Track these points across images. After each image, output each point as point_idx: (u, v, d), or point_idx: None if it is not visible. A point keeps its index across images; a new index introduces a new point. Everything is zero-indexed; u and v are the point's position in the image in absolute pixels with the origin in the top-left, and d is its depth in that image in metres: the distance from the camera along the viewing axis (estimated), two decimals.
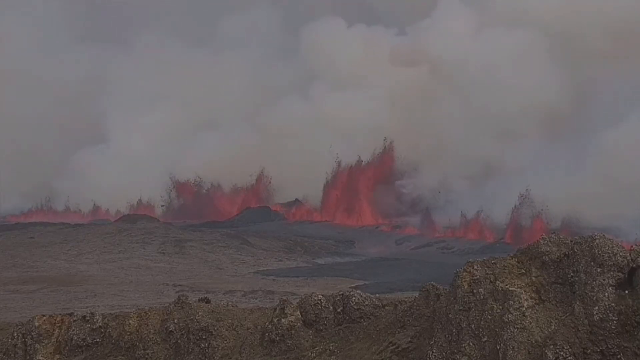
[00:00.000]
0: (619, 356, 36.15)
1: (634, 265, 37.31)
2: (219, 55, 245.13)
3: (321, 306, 44.81)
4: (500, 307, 37.44)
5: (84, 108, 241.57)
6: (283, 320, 44.50)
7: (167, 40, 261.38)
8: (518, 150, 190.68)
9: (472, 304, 38.31)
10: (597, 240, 37.69)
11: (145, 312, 47.75)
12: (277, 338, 44.33)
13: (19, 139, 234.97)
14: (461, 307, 38.53)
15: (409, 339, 40.83)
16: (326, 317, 44.58)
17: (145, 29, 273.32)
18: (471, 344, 37.83)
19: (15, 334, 48.26)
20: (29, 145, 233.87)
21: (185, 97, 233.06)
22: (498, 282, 38.04)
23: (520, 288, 37.60)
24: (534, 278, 38.07)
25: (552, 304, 37.53)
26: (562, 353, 36.08)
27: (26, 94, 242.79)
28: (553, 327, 36.86)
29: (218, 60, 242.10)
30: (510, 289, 37.57)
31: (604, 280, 36.94)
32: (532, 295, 37.57)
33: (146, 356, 45.98)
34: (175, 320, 46.34)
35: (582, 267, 37.43)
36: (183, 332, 45.91)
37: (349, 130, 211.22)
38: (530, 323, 36.86)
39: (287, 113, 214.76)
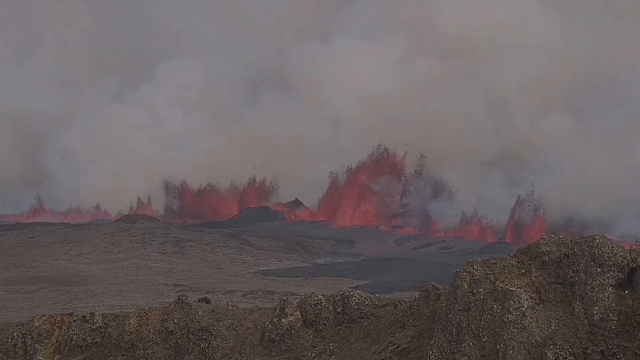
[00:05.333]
0: (619, 356, 36.17)
1: (634, 265, 37.34)
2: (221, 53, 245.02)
3: (321, 306, 44.83)
4: (500, 307, 37.45)
5: (84, 108, 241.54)
6: (283, 320, 44.52)
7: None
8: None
9: (472, 304, 38.33)
10: (597, 240, 37.72)
11: (145, 312, 47.79)
12: (277, 338, 44.35)
13: (19, 139, 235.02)
14: (461, 307, 38.54)
15: (409, 339, 40.85)
16: (326, 317, 44.59)
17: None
18: (471, 344, 37.84)
19: (15, 334, 48.31)
20: (28, 144, 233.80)
21: (185, 96, 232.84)
22: (498, 282, 38.06)
23: (520, 288, 37.62)
24: (534, 278, 38.09)
25: (552, 304, 37.55)
26: (562, 353, 36.09)
27: (24, 94, 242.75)
28: (553, 327, 36.87)
29: (219, 58, 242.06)
30: (510, 289, 37.59)
31: (604, 280, 36.96)
32: (532, 295, 37.59)
33: (146, 356, 46.00)
34: (175, 320, 46.36)
35: (582, 267, 37.45)
36: (183, 332, 45.93)
37: (349, 130, 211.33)
38: (530, 323, 36.87)
39: (284, 113, 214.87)
